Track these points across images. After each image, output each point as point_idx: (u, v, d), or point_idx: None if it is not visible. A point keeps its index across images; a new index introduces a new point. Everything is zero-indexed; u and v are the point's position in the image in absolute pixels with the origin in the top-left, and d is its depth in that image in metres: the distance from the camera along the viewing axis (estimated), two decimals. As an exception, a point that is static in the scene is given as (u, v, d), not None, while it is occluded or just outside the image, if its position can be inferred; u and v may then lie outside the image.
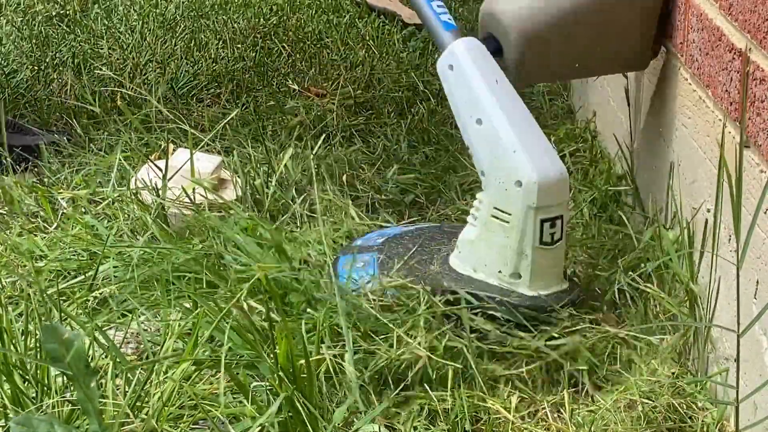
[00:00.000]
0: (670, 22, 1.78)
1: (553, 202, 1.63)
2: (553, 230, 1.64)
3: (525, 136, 1.64)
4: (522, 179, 1.62)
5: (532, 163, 1.62)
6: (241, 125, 2.47)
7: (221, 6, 3.34)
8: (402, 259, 1.73)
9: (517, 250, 1.64)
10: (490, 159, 1.65)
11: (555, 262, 1.65)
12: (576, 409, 1.53)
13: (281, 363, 1.44)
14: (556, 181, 1.63)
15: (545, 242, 1.63)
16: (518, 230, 1.64)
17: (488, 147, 1.66)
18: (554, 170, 1.63)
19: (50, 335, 1.33)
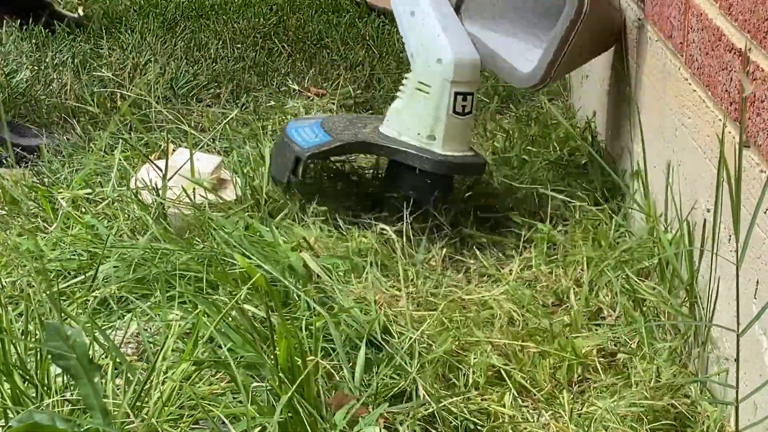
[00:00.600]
0: (669, 22, 1.78)
1: (466, 79, 1.98)
2: (464, 103, 1.98)
3: (447, 24, 2.00)
4: (442, 57, 1.97)
5: (451, 45, 1.97)
6: (242, 125, 2.47)
7: (221, 6, 3.33)
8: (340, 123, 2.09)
9: (434, 116, 1.98)
10: (418, 43, 2.01)
11: (464, 130, 2.00)
12: (576, 409, 1.53)
13: (281, 364, 1.44)
14: (470, 62, 1.98)
15: (457, 112, 1.98)
16: (436, 99, 1.98)
17: (418, 33, 2.01)
18: (469, 53, 1.98)
19: (53, 334, 1.33)
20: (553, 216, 2.02)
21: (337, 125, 2.08)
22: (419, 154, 1.98)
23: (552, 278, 1.85)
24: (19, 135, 2.43)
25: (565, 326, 1.71)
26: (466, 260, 1.93)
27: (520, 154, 2.22)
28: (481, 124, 2.44)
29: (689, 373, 1.57)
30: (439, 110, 1.97)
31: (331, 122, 2.09)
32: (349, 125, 2.08)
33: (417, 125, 2.00)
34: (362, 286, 1.75)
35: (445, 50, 1.97)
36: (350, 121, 2.10)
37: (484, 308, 1.76)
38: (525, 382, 1.58)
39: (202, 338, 1.55)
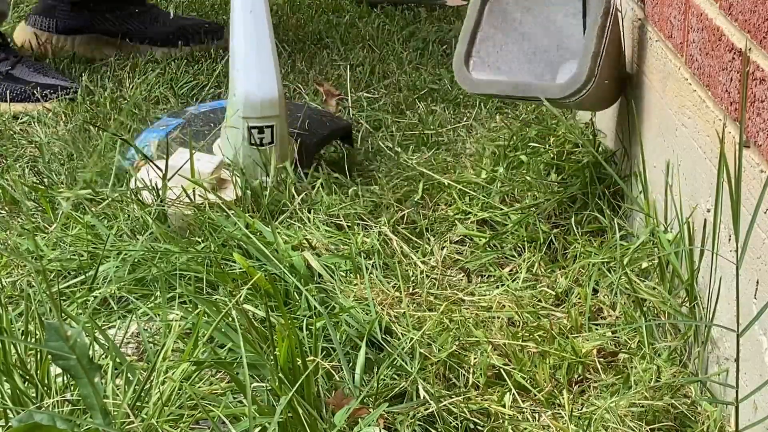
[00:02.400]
0: (670, 21, 1.78)
1: (259, 114, 2.08)
2: (261, 135, 2.09)
3: (250, 58, 2.07)
4: (236, 92, 2.08)
5: (243, 81, 2.07)
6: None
7: (221, 6, 3.33)
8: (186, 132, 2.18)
9: (234, 145, 2.09)
10: (230, 72, 2.10)
11: (266, 158, 2.08)
12: (576, 409, 1.53)
13: (281, 364, 1.44)
14: (261, 100, 2.07)
15: (254, 143, 2.08)
16: (233, 132, 2.09)
17: (231, 62, 2.10)
18: (262, 91, 2.07)
19: (53, 334, 1.33)
20: (553, 216, 2.02)
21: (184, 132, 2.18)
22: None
23: (552, 278, 1.86)
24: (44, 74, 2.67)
25: (565, 326, 1.71)
26: (466, 260, 1.93)
27: (520, 153, 2.22)
28: (481, 124, 2.44)
29: (689, 373, 1.57)
30: (237, 140, 2.08)
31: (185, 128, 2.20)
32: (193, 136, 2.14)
33: (226, 147, 2.11)
34: (363, 287, 1.74)
35: (238, 87, 2.08)
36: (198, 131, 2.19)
37: (484, 308, 1.76)
38: (525, 382, 1.58)
39: (202, 338, 1.55)
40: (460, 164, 2.23)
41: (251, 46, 2.08)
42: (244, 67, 2.08)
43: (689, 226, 1.66)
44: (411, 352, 1.58)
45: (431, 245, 1.94)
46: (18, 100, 2.62)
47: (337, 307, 1.69)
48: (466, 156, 2.28)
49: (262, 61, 2.08)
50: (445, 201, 2.11)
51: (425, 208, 2.10)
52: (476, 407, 1.52)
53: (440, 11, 3.28)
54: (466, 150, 2.31)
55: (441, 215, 2.07)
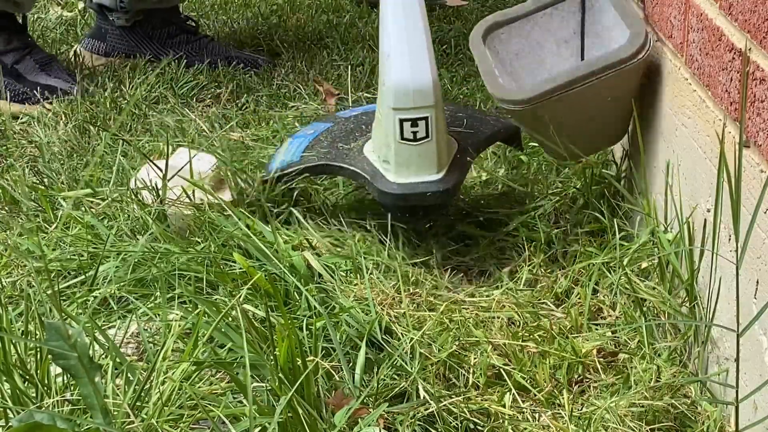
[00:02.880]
0: (670, 22, 1.78)
1: (411, 104, 1.85)
2: (415, 129, 1.86)
3: (402, 44, 1.87)
4: (386, 81, 1.86)
5: (395, 68, 1.85)
6: (242, 126, 2.47)
7: (221, 6, 3.34)
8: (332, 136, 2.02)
9: (385, 142, 1.88)
10: (380, 62, 1.90)
11: (420, 155, 1.87)
12: (576, 409, 1.53)
13: (281, 364, 1.44)
14: (413, 87, 1.85)
15: (407, 138, 1.86)
16: (384, 124, 1.87)
17: (380, 49, 1.90)
18: (414, 78, 1.85)
19: (53, 333, 1.34)
20: (553, 216, 2.02)
21: (327, 138, 2.02)
22: (371, 181, 1.90)
23: (552, 278, 1.86)
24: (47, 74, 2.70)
25: (565, 326, 1.71)
26: (466, 260, 1.93)
27: (520, 153, 2.22)
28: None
29: (689, 373, 1.57)
30: (388, 136, 1.88)
31: (328, 133, 2.04)
32: (342, 139, 2.01)
33: (378, 147, 1.93)
34: (363, 287, 1.74)
35: (389, 74, 1.87)
36: (351, 131, 2.04)
37: (485, 309, 1.76)
38: (525, 382, 1.58)
39: (202, 338, 1.55)
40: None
41: (403, 29, 1.88)
42: (395, 52, 1.87)
43: (689, 226, 1.66)
44: (411, 352, 1.58)
45: (431, 245, 1.94)
46: (17, 100, 2.63)
47: (337, 307, 1.69)
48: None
49: (415, 45, 1.88)
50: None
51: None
52: (476, 407, 1.52)
53: (440, 11, 3.28)
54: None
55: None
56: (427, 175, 1.88)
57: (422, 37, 1.87)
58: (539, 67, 2.00)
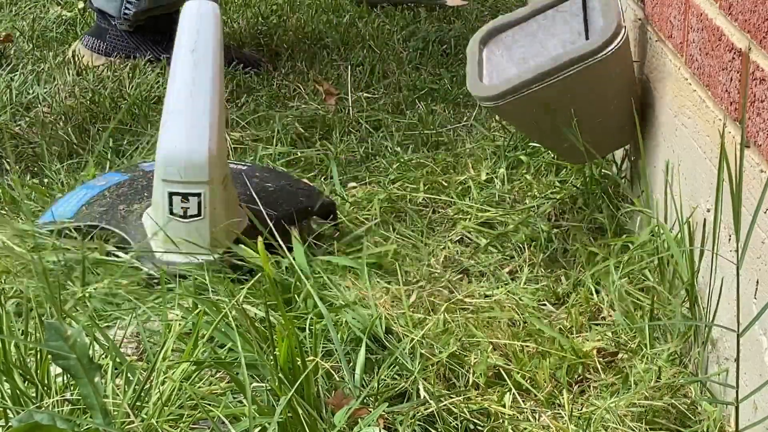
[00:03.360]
0: (670, 21, 1.78)
1: (182, 178, 1.71)
2: (185, 205, 1.71)
3: (179, 111, 1.72)
4: (158, 150, 1.73)
5: (167, 137, 1.71)
6: (241, 126, 2.47)
7: (221, 6, 3.33)
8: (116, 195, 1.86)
9: (154, 215, 1.75)
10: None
11: (188, 235, 1.72)
12: (576, 409, 1.53)
13: (281, 364, 1.44)
14: (186, 161, 1.70)
15: (176, 214, 1.72)
16: (155, 197, 1.75)
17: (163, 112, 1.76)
18: (190, 149, 1.71)
19: (53, 333, 1.34)
20: (553, 216, 2.02)
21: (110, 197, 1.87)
22: (140, 257, 1.76)
23: (552, 278, 1.86)
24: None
25: (565, 326, 1.71)
26: (466, 260, 1.93)
27: (520, 153, 2.22)
28: (481, 124, 2.44)
29: (689, 373, 1.57)
30: (157, 209, 1.75)
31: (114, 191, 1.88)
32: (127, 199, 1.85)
33: (154, 215, 1.78)
34: (364, 286, 1.74)
35: (161, 143, 1.73)
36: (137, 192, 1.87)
37: (485, 309, 1.76)
38: (525, 382, 1.58)
39: (202, 338, 1.55)
40: (460, 164, 2.23)
41: (185, 93, 1.73)
42: (171, 121, 1.72)
43: (689, 226, 1.66)
44: (412, 352, 1.58)
45: (432, 246, 1.94)
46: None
47: (337, 304, 1.69)
48: (466, 156, 2.28)
49: (195, 112, 1.72)
50: (445, 202, 2.11)
51: (426, 208, 2.10)
52: (476, 407, 1.52)
53: (440, 11, 3.28)
54: (466, 150, 2.31)
55: (441, 216, 2.07)
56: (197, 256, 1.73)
57: (207, 99, 1.72)
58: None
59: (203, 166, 1.71)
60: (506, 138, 2.29)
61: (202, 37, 1.74)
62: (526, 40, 1.95)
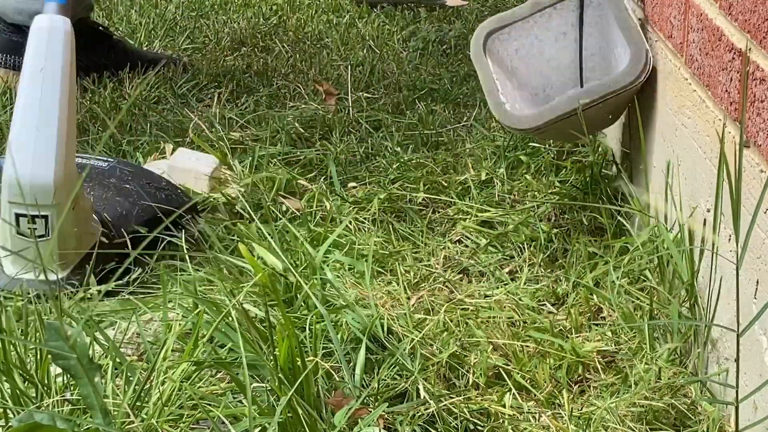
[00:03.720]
0: (669, 22, 1.78)
1: (28, 201, 1.68)
2: (33, 225, 1.70)
3: (26, 132, 1.68)
4: (4, 174, 1.69)
5: (9, 160, 1.67)
6: (241, 126, 2.47)
7: (221, 6, 3.33)
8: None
9: (1, 233, 1.73)
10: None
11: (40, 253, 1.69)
12: (576, 409, 1.53)
13: (281, 364, 1.44)
14: (32, 185, 1.68)
15: (22, 233, 1.70)
16: (2, 215, 1.71)
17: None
18: (35, 174, 1.68)
19: (53, 333, 1.34)
20: (553, 216, 2.02)
21: None
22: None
23: (552, 278, 1.86)
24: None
25: (565, 326, 1.71)
26: (466, 260, 1.93)
27: (520, 153, 2.22)
28: (481, 124, 2.44)
29: (689, 373, 1.57)
30: (4, 226, 1.73)
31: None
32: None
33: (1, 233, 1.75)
34: (364, 287, 1.74)
35: (5, 164, 1.70)
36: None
37: (485, 308, 1.76)
38: (525, 382, 1.58)
39: (202, 338, 1.55)
40: (460, 164, 2.23)
41: (31, 115, 1.68)
42: (16, 140, 1.68)
43: (689, 226, 1.66)
44: (412, 353, 1.58)
45: (432, 246, 1.94)
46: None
47: (338, 304, 1.69)
48: (466, 156, 2.28)
49: (41, 136, 1.68)
50: (445, 202, 2.11)
51: (426, 208, 2.10)
52: (476, 407, 1.52)
53: (440, 11, 3.28)
54: (466, 150, 2.31)
55: (441, 216, 2.07)
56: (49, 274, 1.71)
57: (55, 122, 1.68)
58: (539, 59, 2.03)
59: (50, 192, 1.69)
60: (506, 138, 2.29)
61: (51, 55, 1.70)
62: (521, 33, 2.02)
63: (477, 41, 1.98)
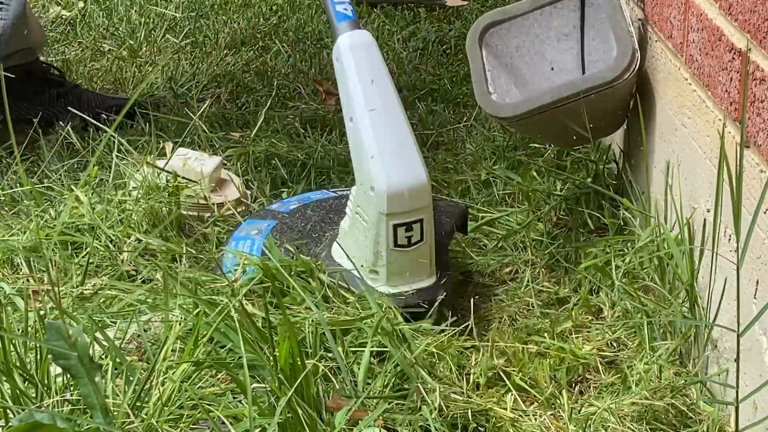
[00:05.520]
0: (669, 22, 1.78)
1: (407, 208, 1.66)
2: (409, 233, 1.67)
3: (386, 141, 1.67)
4: (375, 185, 1.66)
5: (385, 170, 1.65)
6: (241, 126, 2.47)
7: (221, 6, 3.33)
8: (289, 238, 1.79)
9: (374, 251, 1.68)
10: (356, 160, 1.69)
11: (414, 261, 1.69)
12: (576, 409, 1.53)
13: (281, 365, 1.44)
14: (408, 189, 1.66)
15: (400, 245, 1.67)
16: (374, 231, 1.67)
17: (355, 147, 1.69)
18: (408, 179, 1.66)
19: (54, 333, 1.34)
20: (553, 216, 2.02)
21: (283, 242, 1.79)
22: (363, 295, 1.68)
23: (553, 279, 1.86)
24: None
25: (566, 326, 1.71)
26: (466, 261, 1.93)
27: (520, 154, 2.22)
28: (481, 124, 2.44)
29: (689, 373, 1.57)
30: (378, 244, 1.68)
31: (280, 235, 1.81)
32: (301, 241, 1.80)
33: (360, 256, 1.71)
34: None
35: (378, 177, 1.66)
36: (303, 233, 1.82)
37: (485, 308, 1.76)
38: (525, 383, 1.58)
39: (202, 338, 1.55)
40: (460, 164, 2.23)
41: (385, 125, 1.69)
42: (380, 153, 1.66)
43: (689, 226, 1.66)
44: (411, 352, 1.58)
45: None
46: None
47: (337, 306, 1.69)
48: (466, 156, 2.28)
49: (400, 141, 1.68)
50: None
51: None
52: (476, 408, 1.52)
53: (440, 11, 3.28)
54: (466, 150, 2.31)
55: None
56: (421, 282, 1.71)
57: (406, 128, 1.70)
58: (541, 61, 2.01)
59: (426, 192, 1.69)
60: (506, 138, 2.29)
61: (374, 66, 1.72)
62: (521, 30, 1.99)
63: (474, 32, 1.98)
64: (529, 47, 2.00)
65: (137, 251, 1.84)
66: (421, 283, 1.70)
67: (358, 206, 1.70)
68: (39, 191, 2.08)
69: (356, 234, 1.71)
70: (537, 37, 2.01)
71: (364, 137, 1.67)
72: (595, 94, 1.83)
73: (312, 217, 1.85)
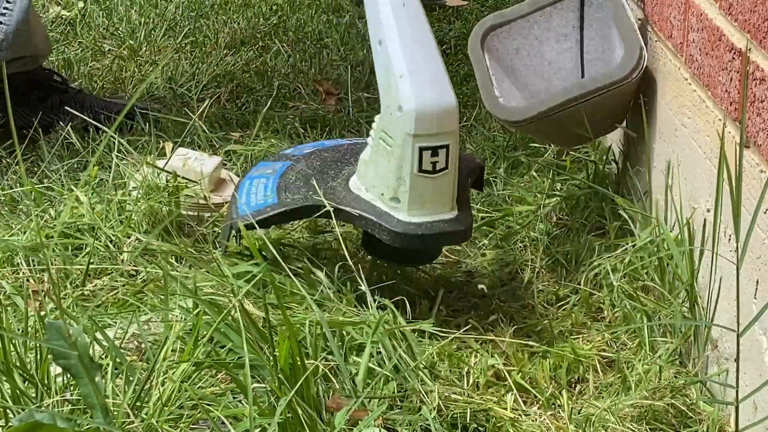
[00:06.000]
0: (669, 22, 1.78)
1: (434, 130, 1.62)
2: (435, 159, 1.62)
3: (415, 62, 1.63)
4: (403, 105, 1.61)
5: (414, 90, 1.61)
6: (241, 126, 2.47)
7: (221, 6, 3.33)
8: (302, 174, 1.76)
9: (397, 176, 1.64)
10: (383, 82, 1.65)
11: (437, 190, 1.64)
12: (576, 409, 1.53)
13: (281, 365, 1.44)
14: (438, 110, 1.62)
15: (425, 170, 1.62)
16: (398, 155, 1.63)
17: (383, 70, 1.65)
18: (438, 99, 1.62)
19: (54, 332, 1.34)
20: (553, 216, 2.02)
21: (299, 178, 1.77)
22: (379, 222, 1.65)
23: (552, 278, 1.86)
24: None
25: (566, 326, 1.71)
26: (467, 261, 1.93)
27: (520, 154, 2.22)
28: (481, 124, 2.44)
29: (689, 373, 1.57)
30: (402, 169, 1.63)
31: (295, 172, 1.79)
32: (316, 175, 1.77)
33: (380, 184, 1.67)
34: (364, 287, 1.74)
35: (407, 96, 1.61)
36: (321, 169, 1.79)
37: (485, 308, 1.76)
38: (525, 383, 1.58)
39: (203, 338, 1.55)
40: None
41: (415, 46, 1.64)
42: (410, 73, 1.62)
43: (689, 226, 1.66)
44: (411, 352, 1.58)
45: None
46: None
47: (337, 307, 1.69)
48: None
49: (431, 63, 1.64)
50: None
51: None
52: (476, 407, 1.52)
53: (440, 11, 3.28)
54: (466, 150, 2.31)
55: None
56: (442, 213, 1.66)
57: (436, 52, 1.65)
58: (540, 61, 2.02)
59: (455, 115, 1.64)
60: (506, 138, 2.29)
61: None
62: (521, 33, 2.00)
63: (476, 37, 1.98)
64: (529, 49, 2.01)
65: (137, 251, 1.84)
66: (443, 215, 1.66)
67: (383, 131, 1.65)
68: (39, 191, 2.08)
69: (378, 160, 1.66)
70: (536, 38, 2.01)
71: (393, 58, 1.64)
72: (604, 93, 1.84)
73: (328, 159, 1.81)
